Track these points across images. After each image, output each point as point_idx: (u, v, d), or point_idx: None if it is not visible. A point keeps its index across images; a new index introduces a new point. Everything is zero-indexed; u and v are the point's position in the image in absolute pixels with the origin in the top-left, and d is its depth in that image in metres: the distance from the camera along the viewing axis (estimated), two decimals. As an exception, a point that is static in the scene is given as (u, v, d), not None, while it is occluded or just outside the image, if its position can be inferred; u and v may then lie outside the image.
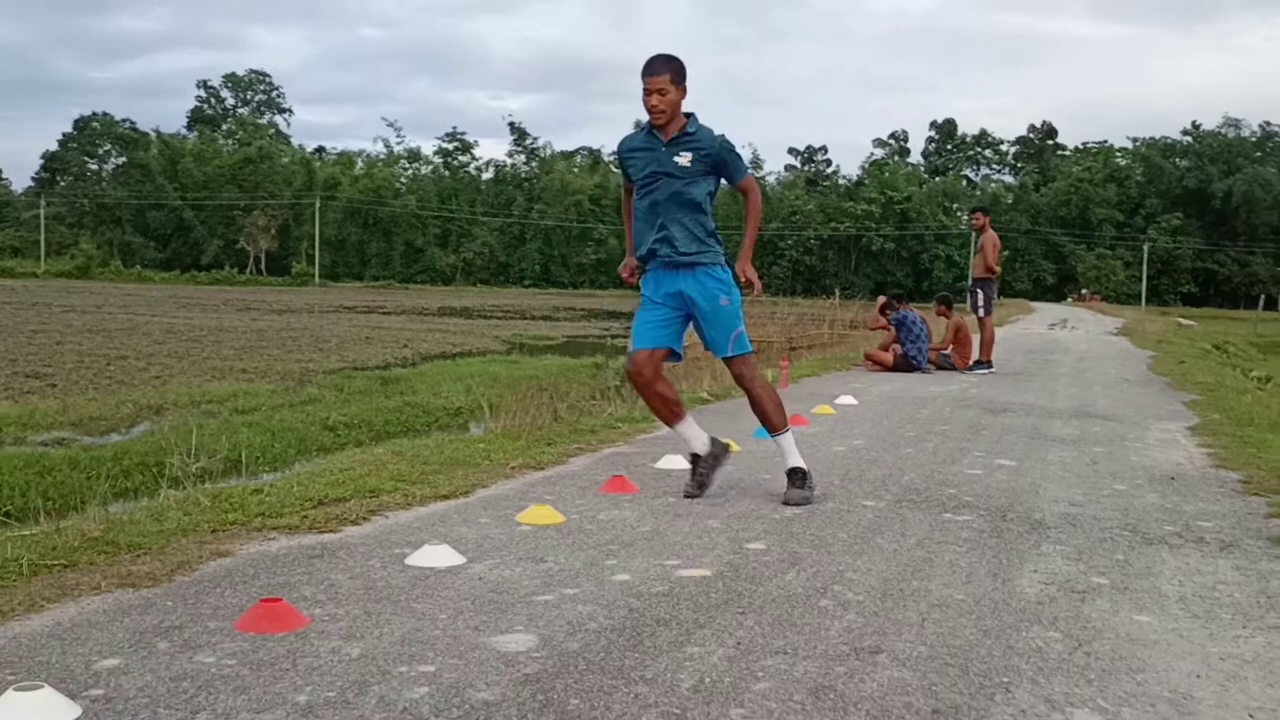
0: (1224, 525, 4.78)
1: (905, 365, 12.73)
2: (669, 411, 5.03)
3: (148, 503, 4.74)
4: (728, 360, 5.01)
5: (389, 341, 27.71)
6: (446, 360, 22.38)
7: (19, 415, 12.39)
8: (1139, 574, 3.90)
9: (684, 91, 4.84)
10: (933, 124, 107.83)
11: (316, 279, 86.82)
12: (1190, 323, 41.99)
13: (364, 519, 4.39)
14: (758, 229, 5.13)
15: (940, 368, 13.03)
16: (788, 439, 5.03)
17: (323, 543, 4.01)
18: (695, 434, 5.03)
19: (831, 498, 5.10)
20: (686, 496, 4.97)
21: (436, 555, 3.75)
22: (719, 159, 4.87)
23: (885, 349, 13.08)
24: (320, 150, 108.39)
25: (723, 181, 5.03)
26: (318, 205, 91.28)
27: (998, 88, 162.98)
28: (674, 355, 5.08)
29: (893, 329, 12.99)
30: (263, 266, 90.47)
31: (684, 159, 4.82)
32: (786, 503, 4.90)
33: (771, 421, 5.02)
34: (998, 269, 13.14)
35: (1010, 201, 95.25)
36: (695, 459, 5.06)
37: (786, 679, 2.70)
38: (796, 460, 5.00)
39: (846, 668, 2.80)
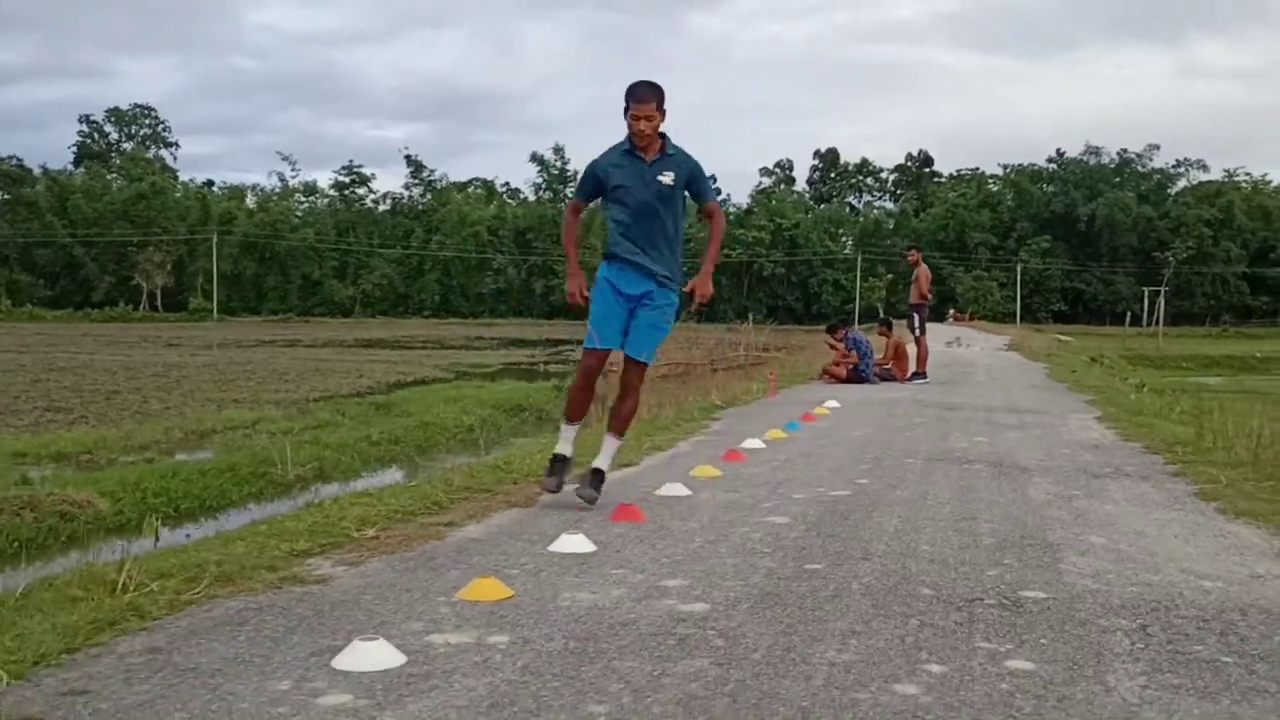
0: (1140, 468, 7.27)
1: (855, 378, 15.24)
2: (580, 408, 5.65)
3: (451, 468, 6.84)
4: (635, 363, 5.49)
5: (342, 372, 29.37)
6: (417, 387, 24.31)
7: (94, 441, 14.08)
8: (1097, 490, 6.32)
9: (664, 116, 5.26)
10: (816, 153, 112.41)
11: (214, 314, 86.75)
12: (1068, 339, 45.91)
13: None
14: (720, 248, 5.62)
15: (883, 379, 15.58)
16: (614, 444, 5.62)
17: (589, 488, 6.20)
18: (571, 441, 5.64)
19: (884, 459, 7.48)
20: (545, 490, 5.62)
21: (674, 489, 5.98)
22: (692, 178, 5.37)
23: (837, 365, 15.57)
24: (209, 184, 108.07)
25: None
26: (214, 240, 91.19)
27: (873, 115, 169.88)
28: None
29: (847, 350, 15.49)
30: (158, 303, 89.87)
31: (667, 178, 5.27)
32: (581, 496, 5.43)
33: (622, 424, 5.64)
34: (929, 296, 15.76)
35: (891, 227, 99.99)
36: (563, 459, 5.61)
37: (938, 528, 5.04)
38: (603, 464, 5.58)
39: (965, 524, 5.15)
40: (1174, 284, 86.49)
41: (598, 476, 5.51)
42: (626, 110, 5.23)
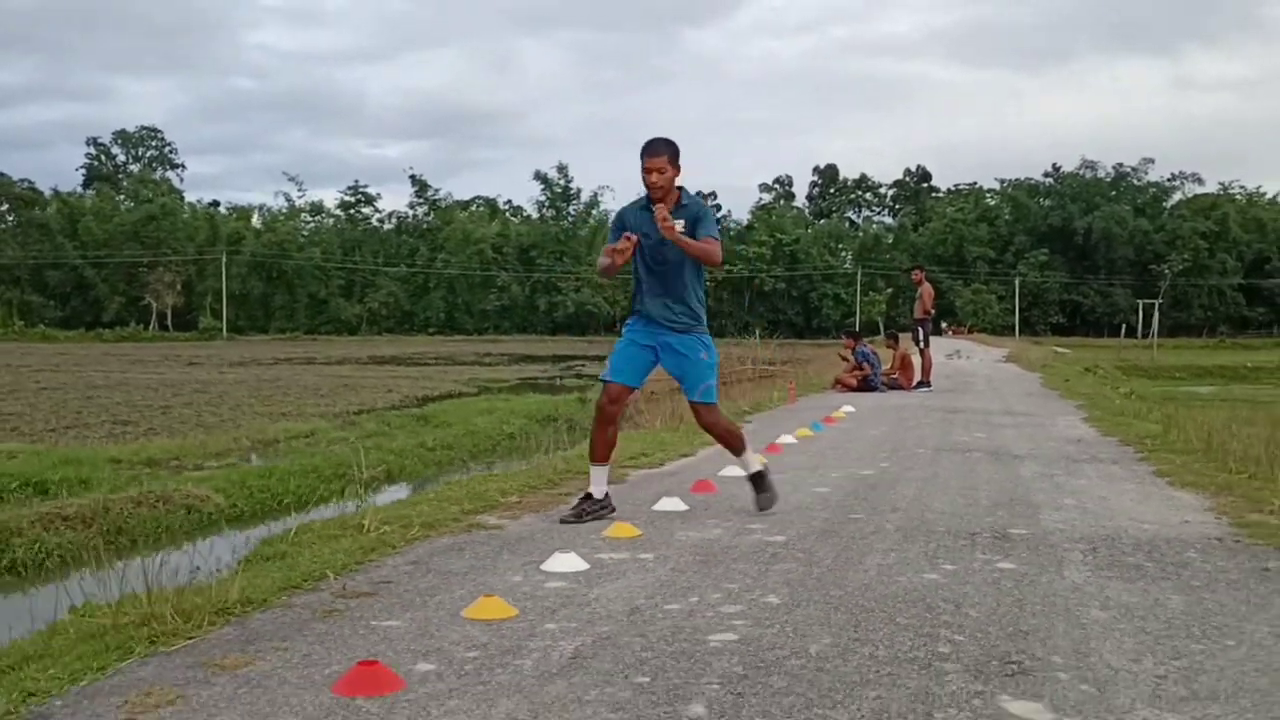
0: (1114, 456, 8.74)
1: (865, 387, 16.71)
2: (602, 452, 5.65)
3: (541, 458, 8.29)
4: (699, 406, 5.70)
5: (370, 388, 30.78)
6: (446, 400, 25.74)
7: (177, 449, 15.50)
8: (1075, 471, 7.78)
9: (679, 170, 5.41)
10: (815, 169, 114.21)
11: (224, 333, 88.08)
12: (1065, 350, 47.45)
13: (662, 463, 8.05)
14: (698, 251, 5.40)
15: (890, 388, 17.04)
16: (748, 456, 5.89)
17: (665, 470, 7.69)
18: (602, 482, 5.69)
19: (899, 450, 8.95)
20: (561, 521, 5.57)
21: (732, 471, 7.36)
22: (697, 219, 5.43)
23: (849, 374, 17.04)
24: (215, 204, 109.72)
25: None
26: (224, 260, 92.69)
27: (871, 130, 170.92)
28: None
29: (856, 361, 16.97)
30: (168, 322, 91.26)
31: (679, 227, 5.34)
32: (761, 508, 5.80)
33: (734, 448, 5.87)
34: (933, 311, 17.26)
35: (890, 242, 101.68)
36: (588, 497, 5.68)
37: (949, 496, 6.50)
38: (756, 467, 5.88)
39: (967, 491, 6.61)
40: (1170, 296, 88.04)
41: (759, 480, 5.85)
42: (642, 167, 5.41)
